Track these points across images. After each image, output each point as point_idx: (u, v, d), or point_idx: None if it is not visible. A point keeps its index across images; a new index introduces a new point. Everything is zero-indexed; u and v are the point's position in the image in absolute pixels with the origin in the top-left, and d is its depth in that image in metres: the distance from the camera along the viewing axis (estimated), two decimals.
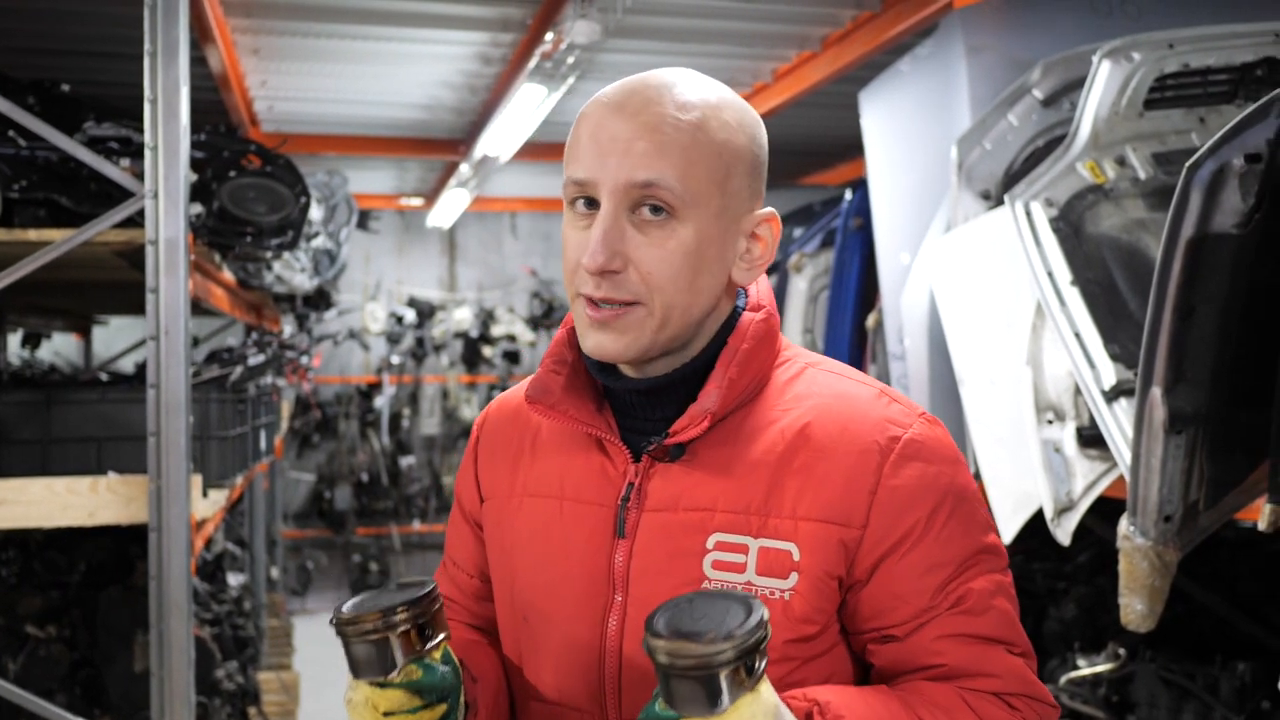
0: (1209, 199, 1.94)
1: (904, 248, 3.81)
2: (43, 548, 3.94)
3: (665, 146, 1.23)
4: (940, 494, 1.27)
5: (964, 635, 1.25)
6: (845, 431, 1.27)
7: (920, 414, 1.31)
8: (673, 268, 1.25)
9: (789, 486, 1.26)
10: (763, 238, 1.33)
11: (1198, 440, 2.09)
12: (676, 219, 1.24)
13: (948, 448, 1.31)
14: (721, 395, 1.28)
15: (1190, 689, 2.96)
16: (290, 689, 6.19)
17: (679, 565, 1.26)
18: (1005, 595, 1.29)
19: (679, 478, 1.29)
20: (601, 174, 1.24)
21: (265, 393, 4.68)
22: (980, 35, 3.60)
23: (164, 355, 2.82)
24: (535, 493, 1.38)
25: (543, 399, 1.34)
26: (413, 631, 1.21)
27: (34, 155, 3.07)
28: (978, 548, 1.28)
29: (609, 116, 1.26)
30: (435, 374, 10.30)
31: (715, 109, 1.27)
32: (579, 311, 1.29)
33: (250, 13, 4.64)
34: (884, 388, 1.34)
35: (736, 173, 1.28)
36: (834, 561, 1.25)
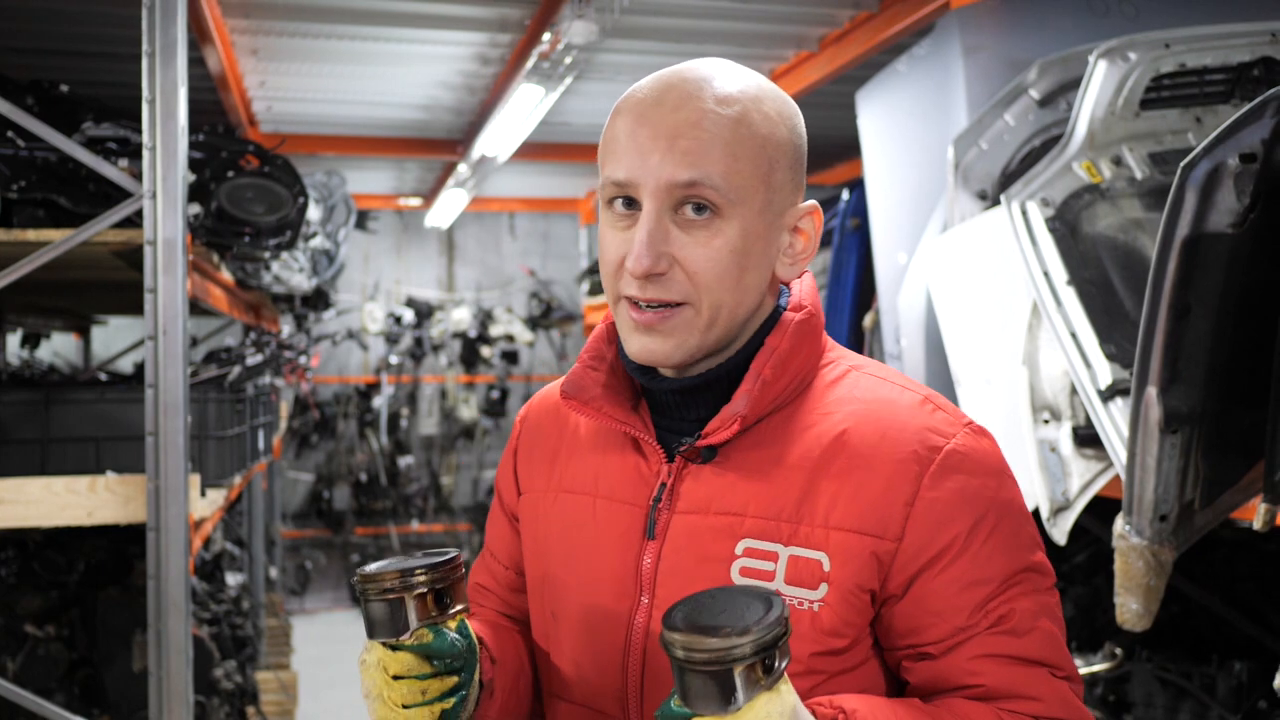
0: (1204, 199, 1.94)
1: (901, 247, 3.82)
2: (41, 547, 3.94)
3: (708, 143, 1.20)
4: (982, 508, 1.22)
5: (1004, 656, 1.20)
6: (884, 439, 1.23)
7: (966, 423, 1.26)
8: (720, 266, 1.22)
9: (822, 494, 1.22)
10: (805, 231, 1.30)
11: (1193, 440, 2.09)
12: (721, 217, 1.21)
13: (993, 459, 1.25)
14: (752, 399, 1.24)
15: (1187, 688, 2.96)
16: (288, 688, 6.19)
17: (706, 570, 1.23)
18: (1050, 616, 1.24)
19: (711, 480, 1.26)
20: (642, 174, 1.21)
21: (263, 393, 4.69)
22: (977, 35, 3.60)
23: (162, 355, 2.82)
24: (570, 489, 1.37)
25: (577, 395, 1.33)
26: (430, 596, 1.21)
27: (33, 155, 3.07)
28: (1022, 565, 1.23)
29: (647, 113, 1.22)
30: (433, 374, 10.30)
31: (756, 101, 1.23)
32: (622, 314, 1.26)
33: (248, 13, 4.64)
34: (930, 394, 1.29)
35: (780, 166, 1.25)
36: (866, 574, 1.20)
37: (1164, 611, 3.21)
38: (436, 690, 1.23)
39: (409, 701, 1.22)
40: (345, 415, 10.00)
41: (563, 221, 10.47)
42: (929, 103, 3.79)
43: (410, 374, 10.23)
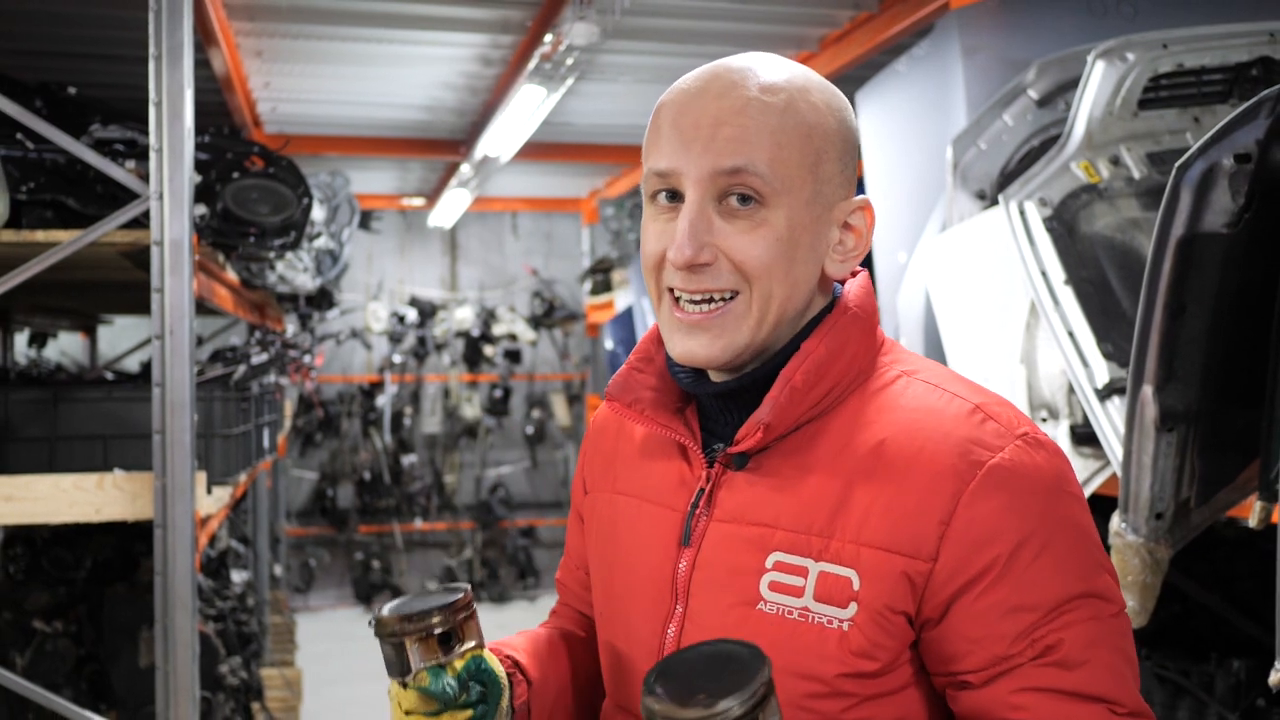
0: (1199, 198, 1.96)
1: (900, 247, 3.84)
2: (50, 544, 3.96)
3: (752, 130, 1.16)
4: (1029, 528, 1.12)
5: (1052, 690, 1.11)
6: (922, 452, 1.15)
7: (1021, 434, 1.16)
8: (768, 255, 1.17)
9: (855, 508, 1.15)
10: (856, 227, 1.24)
11: (1189, 438, 2.11)
12: (766, 206, 1.17)
13: (1046, 474, 1.15)
14: (779, 406, 1.19)
15: (1185, 686, 2.98)
16: (293, 685, 6.22)
17: (736, 582, 1.19)
18: (1111, 646, 1.13)
19: (745, 488, 1.22)
20: (685, 162, 1.18)
21: (268, 391, 4.71)
22: (976, 36, 3.62)
23: (169, 354, 2.84)
24: (624, 490, 1.35)
25: (620, 396, 1.30)
26: (432, 639, 1.24)
27: (41, 157, 3.09)
28: (1078, 591, 1.13)
29: (691, 102, 1.19)
30: (437, 373, 10.33)
31: (802, 90, 1.20)
32: (665, 314, 1.23)
33: (253, 16, 4.67)
34: (985, 402, 1.19)
35: (828, 157, 1.20)
36: (898, 595, 1.13)
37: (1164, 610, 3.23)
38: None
39: None
40: (349, 414, 10.02)
41: (565, 221, 10.49)
42: (928, 103, 3.80)
43: (413, 373, 10.26)
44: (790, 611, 1.16)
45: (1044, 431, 1.21)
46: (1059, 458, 1.18)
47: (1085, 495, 1.21)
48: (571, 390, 10.50)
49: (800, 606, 1.16)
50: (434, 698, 1.22)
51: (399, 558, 10.02)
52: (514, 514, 10.26)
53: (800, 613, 1.16)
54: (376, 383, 10.11)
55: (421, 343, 10.11)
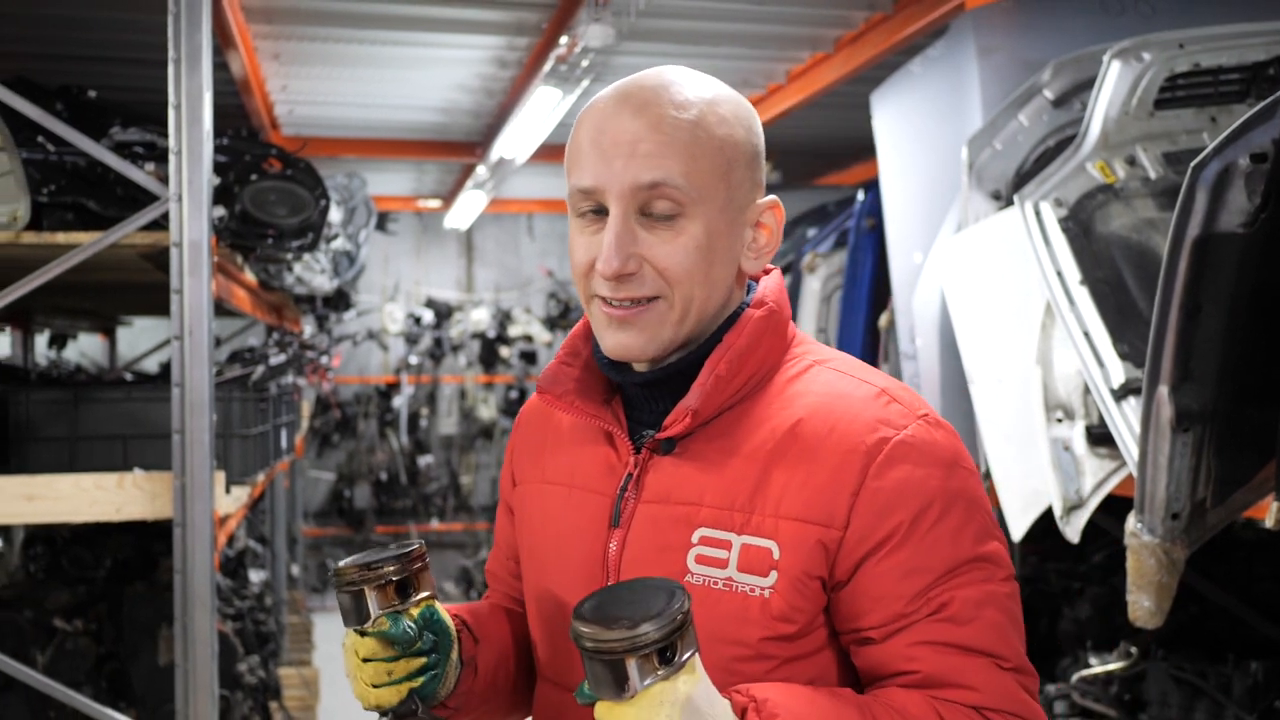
0: (1215, 198, 1.96)
1: (916, 247, 3.84)
2: (70, 543, 4.00)
3: (668, 145, 1.25)
4: (927, 498, 1.23)
5: (943, 644, 1.21)
6: (834, 431, 1.25)
7: (920, 415, 1.28)
8: (688, 262, 1.26)
9: (774, 484, 1.25)
10: (767, 225, 1.34)
11: (1205, 438, 2.11)
12: (685, 215, 1.26)
13: (944, 450, 1.26)
14: (705, 393, 1.28)
15: (1202, 688, 2.97)
16: (310, 684, 6.25)
17: (665, 558, 1.28)
18: (998, 607, 1.24)
19: (672, 471, 1.31)
20: (608, 179, 1.26)
21: (286, 392, 4.74)
22: (992, 36, 3.62)
23: (188, 355, 2.86)
24: (552, 480, 1.42)
25: (551, 389, 1.38)
26: (390, 587, 1.30)
27: (62, 160, 3.12)
28: (970, 556, 1.24)
29: (608, 120, 1.28)
30: (453, 374, 10.36)
31: (712, 105, 1.28)
32: (596, 312, 1.31)
33: (271, 19, 4.70)
34: (888, 386, 1.31)
35: (738, 165, 1.29)
36: (814, 562, 1.23)
37: (1182, 611, 3.22)
38: (402, 671, 1.31)
39: (377, 681, 1.31)
40: (366, 415, 10.06)
41: None
42: (943, 103, 3.80)
43: (430, 374, 10.29)
44: (715, 582, 1.25)
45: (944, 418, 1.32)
46: (954, 437, 1.30)
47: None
48: None
49: (725, 577, 1.25)
50: (394, 640, 1.29)
51: None
52: None
53: (725, 582, 1.25)
54: (393, 384, 10.15)
55: (438, 344, 10.14)
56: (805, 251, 5.00)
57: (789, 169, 7.55)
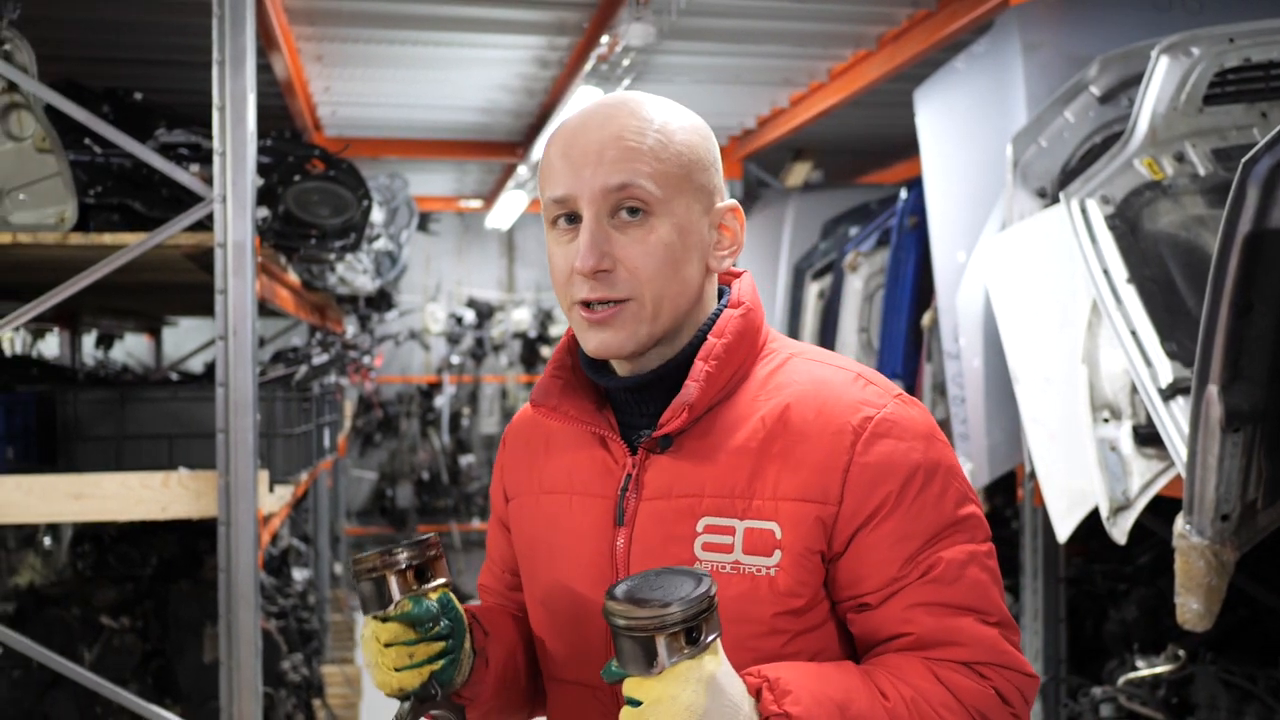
0: (1266, 195, 1.93)
1: (960, 246, 3.80)
2: (117, 541, 4.05)
3: (633, 151, 1.34)
4: (910, 469, 1.33)
5: (932, 604, 1.30)
6: (820, 415, 1.34)
7: (896, 395, 1.38)
8: (657, 260, 1.35)
9: (770, 470, 1.33)
10: (729, 227, 1.43)
11: (1255, 438, 2.08)
12: (653, 216, 1.35)
13: (920, 425, 1.36)
14: (699, 390, 1.35)
15: (1252, 691, 2.93)
16: (353, 682, 6.29)
17: (673, 549, 1.35)
18: (979, 565, 1.33)
19: (670, 467, 1.38)
20: (579, 186, 1.35)
21: (329, 392, 4.78)
22: (1037, 32, 3.58)
23: (232, 355, 2.89)
24: (549, 490, 1.48)
25: (545, 401, 1.45)
26: (409, 572, 1.35)
27: (108, 162, 3.15)
28: (950, 519, 1.33)
29: (576, 135, 1.37)
30: (494, 374, 10.40)
31: (669, 117, 1.39)
32: (576, 318, 1.39)
33: (314, 21, 4.73)
34: (861, 370, 1.41)
35: (698, 170, 1.38)
36: (814, 537, 1.31)
37: (1232, 614, 3.17)
38: (423, 654, 1.35)
39: (399, 665, 1.35)
40: (408, 414, 10.13)
41: None
42: (988, 100, 3.76)
43: (471, 374, 10.34)
44: (724, 566, 1.33)
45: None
46: (927, 413, 1.40)
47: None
48: None
49: (731, 561, 1.33)
50: (417, 620, 1.34)
51: (457, 557, 10.09)
52: None
53: (732, 566, 1.33)
54: (435, 383, 10.20)
55: (479, 344, 10.19)
56: (847, 250, 4.97)
57: (831, 167, 7.50)
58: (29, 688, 3.40)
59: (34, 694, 3.41)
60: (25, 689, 3.39)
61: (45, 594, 3.79)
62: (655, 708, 1.16)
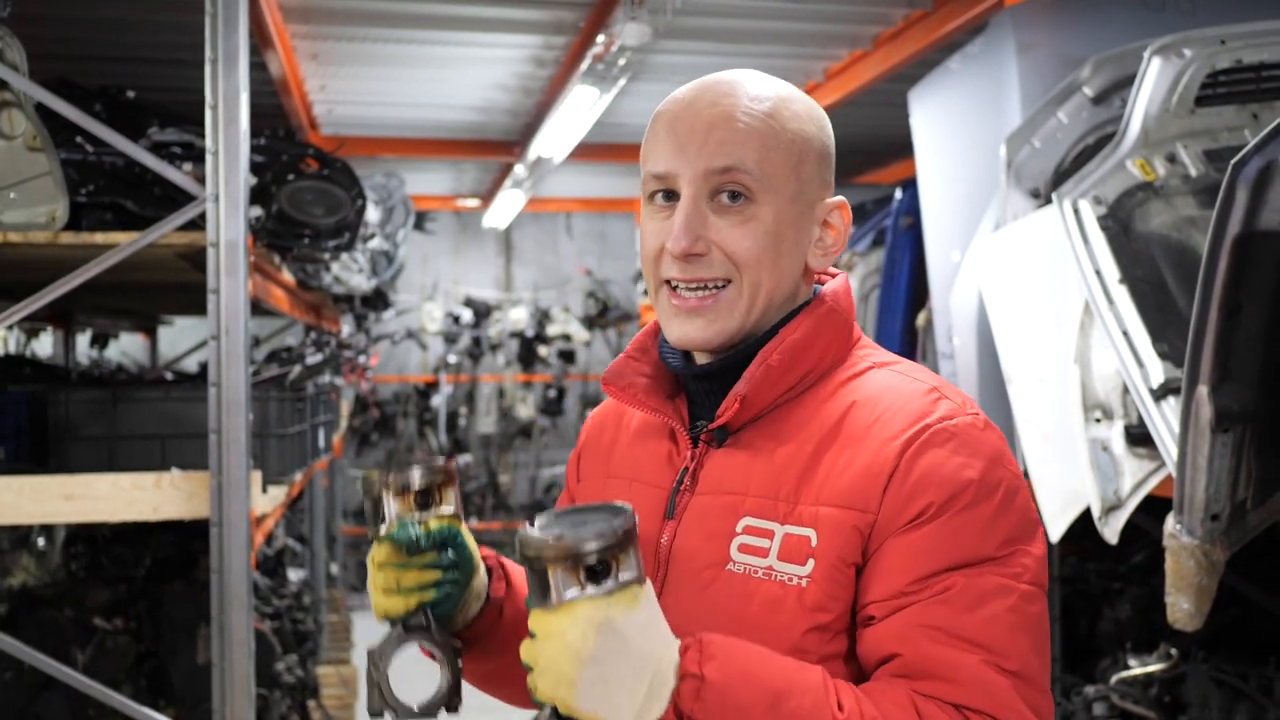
0: (1256, 196, 1.92)
1: (954, 246, 3.81)
2: (110, 542, 4.04)
3: (741, 134, 1.28)
4: (960, 484, 1.20)
5: (937, 628, 1.16)
6: (879, 421, 1.25)
7: (972, 413, 1.26)
8: (757, 246, 1.28)
9: (818, 475, 1.25)
10: (834, 225, 1.36)
11: (1245, 438, 2.08)
12: (755, 201, 1.28)
13: (986, 445, 1.23)
14: (754, 381, 1.28)
15: (1243, 690, 2.93)
16: (349, 683, 6.28)
17: (709, 546, 1.28)
18: (1010, 603, 1.17)
19: (724, 463, 1.31)
20: (681, 164, 1.29)
21: (324, 391, 4.77)
22: (1031, 33, 3.58)
23: (224, 354, 2.88)
24: (615, 474, 1.45)
25: (615, 380, 1.39)
26: (409, 495, 1.31)
27: (100, 160, 3.15)
28: (991, 553, 1.19)
29: (685, 110, 1.31)
30: (492, 373, 10.39)
31: (785, 101, 1.32)
32: (663, 302, 1.33)
33: (309, 19, 4.73)
34: (941, 385, 1.30)
35: (808, 160, 1.32)
36: (849, 547, 1.21)
37: (1223, 613, 3.17)
38: (412, 581, 1.31)
39: (388, 588, 1.32)
40: (404, 414, 10.12)
41: (619, 221, 10.51)
42: (982, 101, 3.77)
43: (468, 373, 10.33)
44: (756, 570, 1.24)
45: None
46: (1003, 443, 1.27)
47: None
48: None
49: (765, 566, 1.24)
50: (400, 544, 1.30)
51: None
52: None
53: (765, 571, 1.24)
54: (432, 383, 10.20)
55: (476, 343, 10.18)
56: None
57: None
58: (21, 690, 3.39)
59: (26, 696, 3.40)
60: (17, 691, 3.39)
61: (38, 595, 3.78)
62: (544, 643, 1.09)
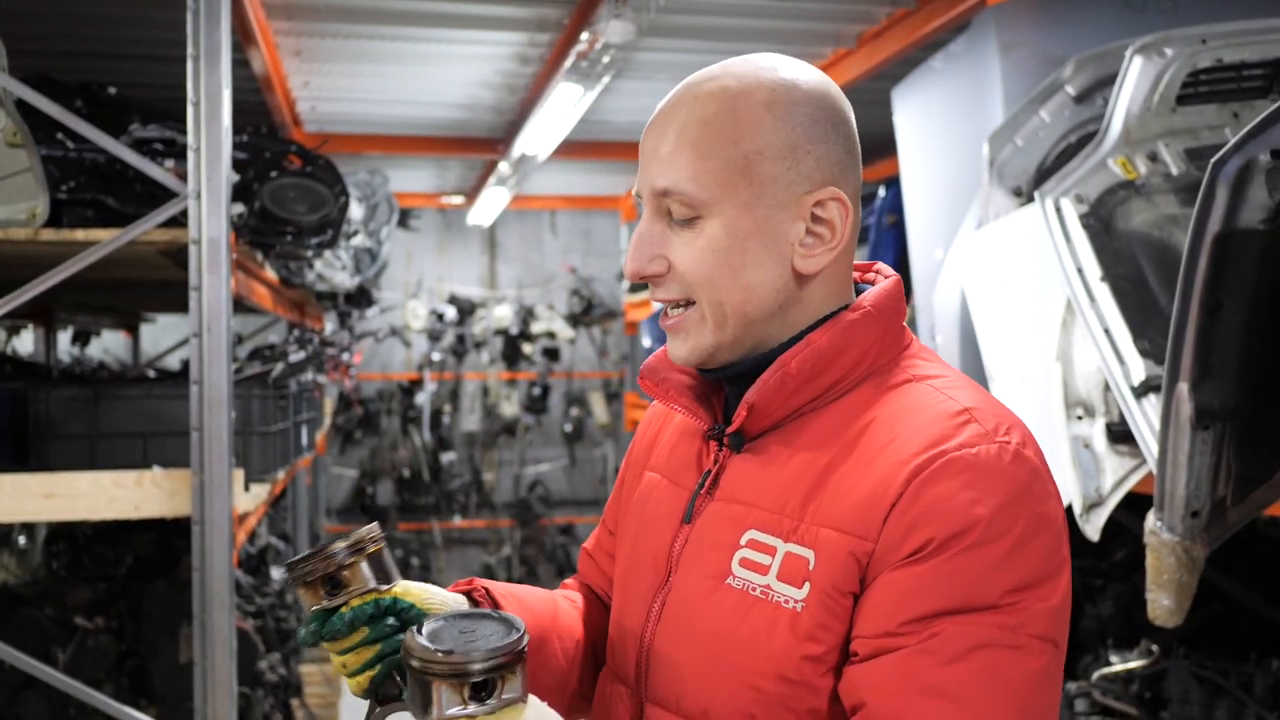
0: (1235, 195, 1.93)
1: (937, 244, 3.82)
2: (91, 541, 4.02)
3: (679, 148, 1.21)
4: (967, 521, 1.08)
5: (911, 680, 1.07)
6: (894, 442, 1.15)
7: (1001, 440, 1.12)
8: (705, 266, 1.21)
9: (825, 493, 1.16)
10: (827, 219, 1.22)
11: (1225, 435, 2.09)
12: (703, 218, 1.21)
13: (1009, 479, 1.10)
14: (767, 388, 1.21)
15: (1224, 686, 2.94)
16: (332, 681, 6.27)
17: (713, 556, 1.22)
18: (1002, 660, 1.06)
19: (742, 470, 1.25)
20: (641, 181, 1.26)
21: (307, 389, 4.76)
22: (1013, 31, 3.60)
23: (206, 352, 2.87)
24: (653, 468, 1.40)
25: (649, 376, 1.34)
26: (318, 585, 1.22)
27: (81, 157, 3.13)
28: (993, 599, 1.07)
29: (653, 122, 1.26)
30: (476, 371, 10.38)
31: (740, 94, 1.20)
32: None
33: (292, 15, 4.71)
34: (977, 407, 1.16)
35: (765, 158, 1.19)
36: (845, 575, 1.12)
37: (1204, 609, 3.19)
38: (355, 663, 1.23)
39: (339, 672, 1.25)
40: (388, 412, 10.09)
41: (604, 219, 10.50)
42: (965, 99, 3.78)
43: (452, 371, 10.31)
44: (753, 588, 1.17)
45: (1039, 447, 1.17)
46: (1038, 476, 1.13)
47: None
48: (610, 388, 10.52)
49: (763, 584, 1.17)
50: (312, 643, 1.22)
51: (438, 555, 10.07)
52: (552, 511, 10.30)
53: (762, 590, 1.17)
54: (416, 380, 10.18)
55: (460, 340, 10.16)
56: None
57: None
58: (1, 689, 3.38)
59: (6, 696, 3.39)
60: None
61: (18, 594, 3.76)
62: None
